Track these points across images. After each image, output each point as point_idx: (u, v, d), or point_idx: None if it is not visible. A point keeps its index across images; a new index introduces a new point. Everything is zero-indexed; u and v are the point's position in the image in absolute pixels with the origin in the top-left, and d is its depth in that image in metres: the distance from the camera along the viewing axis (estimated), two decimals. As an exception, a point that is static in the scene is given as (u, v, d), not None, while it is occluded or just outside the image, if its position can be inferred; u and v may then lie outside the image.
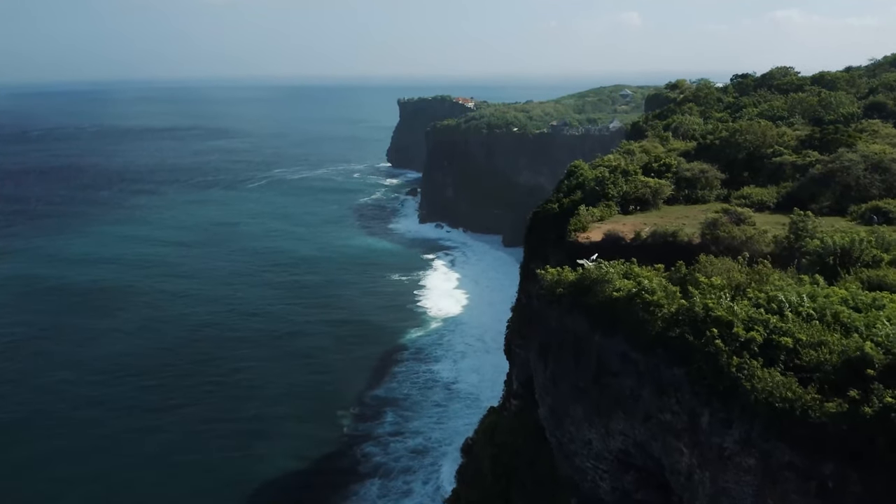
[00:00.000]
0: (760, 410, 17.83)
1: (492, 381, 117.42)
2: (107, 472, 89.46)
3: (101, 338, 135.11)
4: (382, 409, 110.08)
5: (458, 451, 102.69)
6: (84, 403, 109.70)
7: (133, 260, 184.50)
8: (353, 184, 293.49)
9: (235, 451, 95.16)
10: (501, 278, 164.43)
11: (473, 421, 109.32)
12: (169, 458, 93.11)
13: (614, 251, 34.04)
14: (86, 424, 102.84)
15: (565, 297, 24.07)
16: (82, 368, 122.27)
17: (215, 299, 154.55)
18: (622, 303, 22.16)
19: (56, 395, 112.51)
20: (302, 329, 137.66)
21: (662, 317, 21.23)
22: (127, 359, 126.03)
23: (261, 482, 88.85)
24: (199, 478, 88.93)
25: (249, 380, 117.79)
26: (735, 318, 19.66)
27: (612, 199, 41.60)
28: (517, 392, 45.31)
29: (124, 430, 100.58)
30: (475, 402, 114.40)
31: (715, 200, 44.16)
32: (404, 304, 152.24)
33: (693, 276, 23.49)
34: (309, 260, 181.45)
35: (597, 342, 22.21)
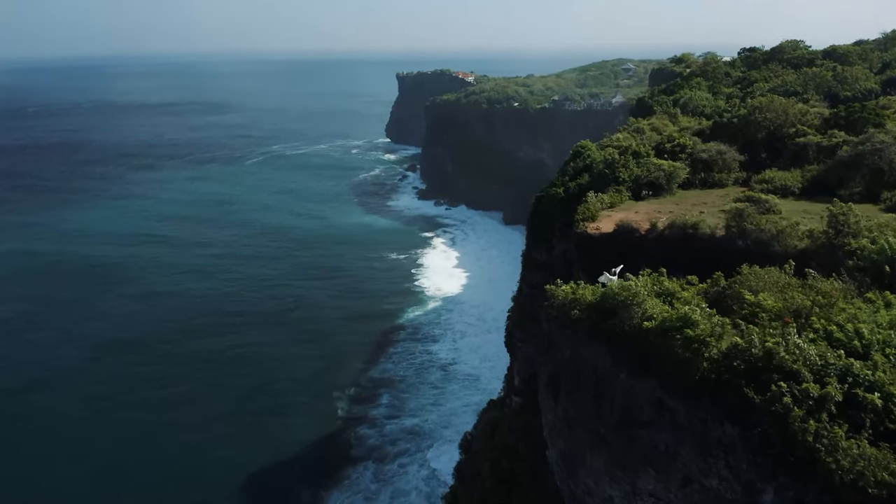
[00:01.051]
0: (847, 498, 13.85)
1: (492, 363, 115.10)
2: (98, 452, 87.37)
3: (98, 314, 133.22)
4: (378, 390, 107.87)
5: (455, 433, 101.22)
6: (79, 380, 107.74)
7: (130, 236, 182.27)
8: (352, 159, 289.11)
9: (228, 433, 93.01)
10: (502, 256, 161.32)
11: (472, 402, 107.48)
12: (160, 438, 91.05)
13: (628, 244, 30.72)
14: (80, 402, 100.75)
15: (582, 322, 19.38)
16: (77, 345, 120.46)
17: (211, 276, 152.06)
18: (656, 335, 17.69)
19: (51, 370, 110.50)
20: (298, 308, 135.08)
21: (710, 357, 16.98)
22: (123, 335, 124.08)
23: (254, 466, 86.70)
24: (188, 461, 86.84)
25: (244, 359, 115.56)
26: (806, 367, 15.33)
27: (623, 183, 38.13)
28: (518, 388, 42.27)
29: (117, 409, 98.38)
30: (474, 384, 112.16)
31: (733, 185, 40.72)
32: (402, 282, 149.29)
33: (736, 291, 19.98)
34: (306, 238, 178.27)
35: (623, 382, 18.02)
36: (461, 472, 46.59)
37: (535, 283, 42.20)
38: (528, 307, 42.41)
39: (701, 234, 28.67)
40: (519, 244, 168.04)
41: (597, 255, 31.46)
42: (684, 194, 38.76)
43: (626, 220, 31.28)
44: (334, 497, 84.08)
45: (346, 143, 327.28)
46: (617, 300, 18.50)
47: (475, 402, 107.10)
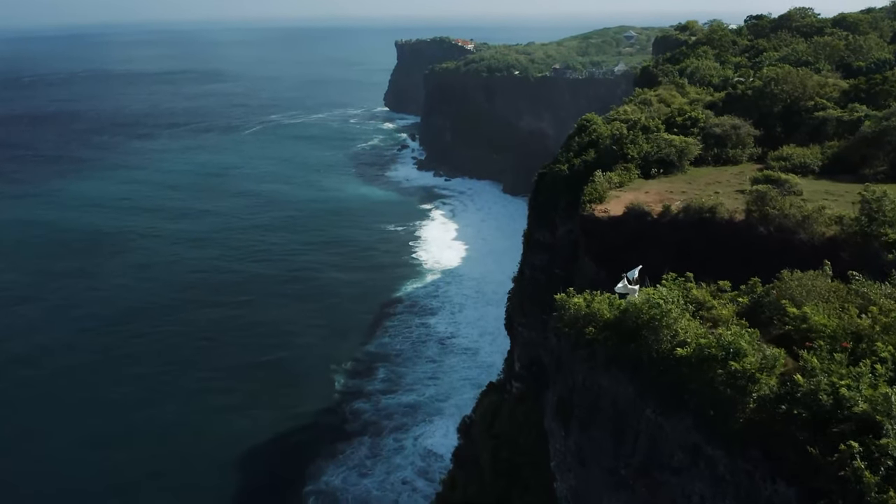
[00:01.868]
0: None
1: (492, 336, 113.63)
2: (91, 425, 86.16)
3: (95, 284, 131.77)
4: (375, 364, 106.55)
5: (454, 408, 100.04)
6: (75, 351, 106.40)
7: (127, 206, 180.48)
8: (350, 129, 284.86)
9: (223, 406, 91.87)
10: (502, 228, 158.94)
11: (470, 376, 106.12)
12: (155, 411, 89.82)
13: (639, 229, 28.41)
14: (76, 373, 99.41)
15: (599, 344, 16.16)
16: (74, 314, 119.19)
17: (208, 247, 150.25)
18: (692, 366, 14.43)
19: (47, 341, 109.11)
20: (294, 281, 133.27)
21: (761, 398, 13.77)
22: (120, 305, 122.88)
23: (249, 440, 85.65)
24: (185, 438, 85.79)
25: (240, 333, 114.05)
26: (889, 418, 12.06)
27: (632, 160, 35.66)
28: (519, 374, 40.31)
29: (113, 380, 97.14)
30: (472, 357, 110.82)
31: (748, 161, 38.27)
32: (400, 255, 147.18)
33: (775, 301, 17.04)
34: (303, 210, 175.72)
35: (649, 419, 15.02)
36: (459, 457, 44.89)
37: (536, 265, 40.01)
38: (529, 290, 40.24)
39: (719, 219, 26.36)
40: (519, 215, 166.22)
41: (605, 239, 29.21)
42: (696, 172, 36.33)
43: (636, 203, 28.92)
44: (330, 471, 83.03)
45: (344, 112, 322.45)
46: (641, 319, 15.52)
47: (473, 376, 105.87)
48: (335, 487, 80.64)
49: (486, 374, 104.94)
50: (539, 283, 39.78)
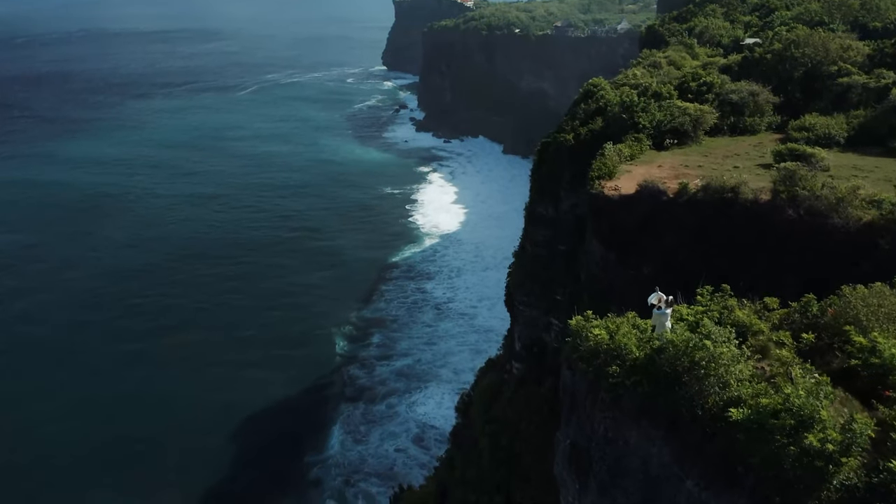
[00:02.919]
0: None
1: (490, 301, 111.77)
2: (89, 397, 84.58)
3: (91, 246, 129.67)
4: (370, 330, 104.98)
5: (452, 373, 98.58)
6: (74, 312, 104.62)
7: (124, 167, 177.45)
8: (348, 88, 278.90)
9: (222, 375, 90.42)
10: (502, 190, 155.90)
11: (468, 341, 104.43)
12: (154, 380, 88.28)
13: (652, 209, 25.78)
14: (75, 334, 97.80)
15: (627, 390, 12.62)
16: (70, 278, 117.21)
17: (204, 209, 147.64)
18: (750, 433, 10.91)
19: (48, 301, 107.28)
20: (289, 246, 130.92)
21: (846, 487, 10.48)
22: (116, 267, 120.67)
23: (249, 409, 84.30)
24: (184, 403, 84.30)
25: (237, 297, 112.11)
26: None
27: (643, 130, 32.81)
28: (519, 354, 38.09)
29: (110, 346, 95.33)
30: (470, 322, 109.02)
31: (766, 130, 35.44)
32: (398, 218, 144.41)
33: (833, 324, 14.10)
34: (299, 173, 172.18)
35: (691, 493, 11.68)
36: (458, 436, 43.02)
37: (539, 240, 37.47)
38: (530, 267, 37.77)
39: (742, 200, 23.71)
40: (519, 177, 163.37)
41: (615, 220, 26.63)
42: (712, 143, 33.53)
43: (649, 180, 26.23)
44: (329, 437, 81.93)
45: (342, 71, 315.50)
46: (682, 364, 12.05)
47: (471, 341, 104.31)
48: (334, 454, 79.60)
49: (485, 339, 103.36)
50: (541, 260, 37.36)
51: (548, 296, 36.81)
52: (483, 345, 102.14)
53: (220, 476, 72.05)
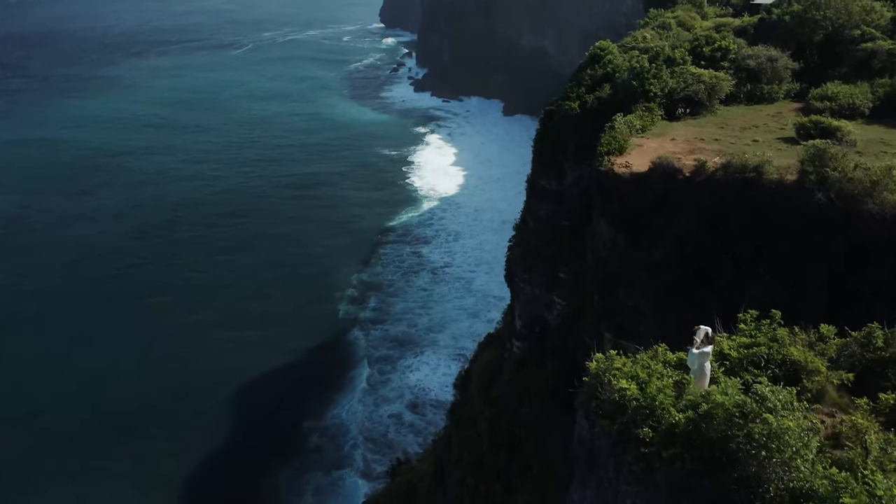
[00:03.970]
0: None
1: (489, 265, 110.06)
2: (83, 363, 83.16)
3: (87, 207, 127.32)
4: (367, 293, 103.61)
5: (450, 338, 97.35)
6: (68, 280, 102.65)
7: (120, 126, 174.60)
8: (344, 47, 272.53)
9: (219, 340, 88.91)
10: (502, 152, 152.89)
11: (465, 305, 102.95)
12: (148, 347, 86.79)
13: (667, 189, 23.60)
14: (68, 305, 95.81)
15: (663, 464, 9.88)
16: (63, 242, 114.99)
17: (199, 174, 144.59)
18: None
19: (35, 271, 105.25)
20: (286, 208, 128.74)
21: None
22: (112, 229, 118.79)
23: (247, 376, 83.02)
24: (182, 369, 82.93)
25: (235, 258, 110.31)
26: None
27: (654, 98, 30.39)
28: (520, 333, 36.32)
29: (104, 313, 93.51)
30: (467, 286, 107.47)
31: (784, 99, 33.00)
32: (395, 181, 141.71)
33: None
34: (295, 133, 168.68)
35: None
36: (455, 414, 41.57)
37: (541, 215, 35.36)
38: (532, 243, 35.75)
39: (765, 181, 21.53)
40: (520, 138, 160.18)
41: (625, 200, 24.48)
42: (728, 112, 31.14)
43: (664, 157, 23.98)
44: (327, 404, 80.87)
45: (338, 28, 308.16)
46: (735, 437, 9.31)
47: (469, 305, 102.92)
48: (333, 421, 78.71)
49: (483, 302, 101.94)
50: (544, 235, 35.30)
51: (550, 273, 34.87)
52: (481, 309, 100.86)
53: (217, 444, 71.14)
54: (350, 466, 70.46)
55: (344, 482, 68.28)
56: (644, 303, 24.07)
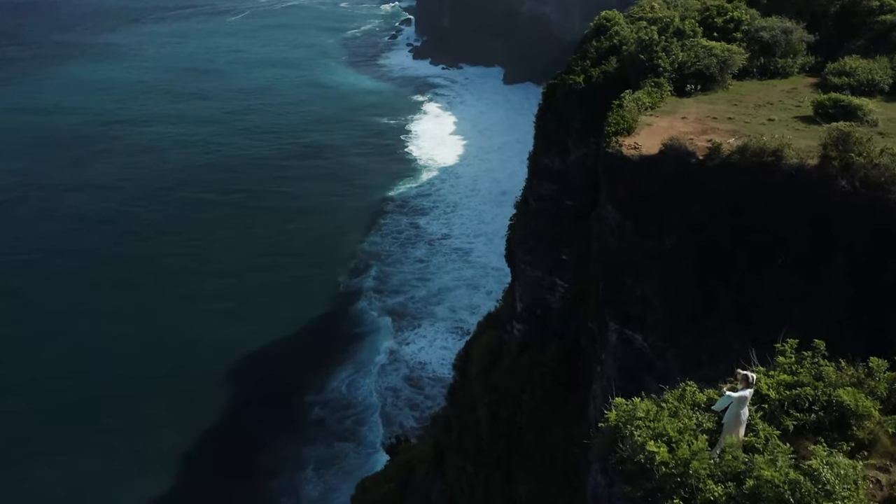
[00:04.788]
0: None
1: (487, 237, 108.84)
2: (79, 335, 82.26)
3: (82, 177, 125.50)
4: (369, 264, 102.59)
5: (448, 311, 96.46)
6: (59, 253, 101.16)
7: (114, 94, 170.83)
8: (341, 13, 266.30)
9: (217, 312, 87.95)
10: (502, 121, 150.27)
11: (463, 277, 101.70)
12: (145, 320, 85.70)
13: (679, 174, 22.09)
14: (64, 277, 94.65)
15: None
16: (60, 210, 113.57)
17: (195, 142, 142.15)
18: None
19: (31, 243, 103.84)
20: (284, 177, 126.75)
21: None
22: (107, 200, 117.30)
23: (245, 349, 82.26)
24: (180, 341, 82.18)
25: (233, 229, 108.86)
26: None
27: (664, 73, 28.66)
28: (521, 315, 35.12)
29: (100, 286, 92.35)
30: (465, 257, 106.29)
31: (799, 73, 31.26)
32: (393, 150, 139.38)
33: None
34: (292, 101, 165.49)
35: None
36: (454, 395, 40.60)
37: (544, 195, 33.87)
38: (534, 223, 34.33)
39: (785, 167, 20.02)
40: (520, 106, 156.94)
41: (634, 184, 23.01)
42: (741, 88, 29.43)
43: (675, 139, 22.42)
44: (326, 377, 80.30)
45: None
46: None
47: (467, 276, 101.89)
48: (334, 394, 78.14)
49: (481, 274, 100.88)
50: (546, 216, 33.87)
51: (553, 255, 33.54)
52: (480, 280, 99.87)
53: (216, 417, 70.68)
54: (351, 440, 70.10)
55: (345, 456, 67.95)
56: (652, 293, 22.75)
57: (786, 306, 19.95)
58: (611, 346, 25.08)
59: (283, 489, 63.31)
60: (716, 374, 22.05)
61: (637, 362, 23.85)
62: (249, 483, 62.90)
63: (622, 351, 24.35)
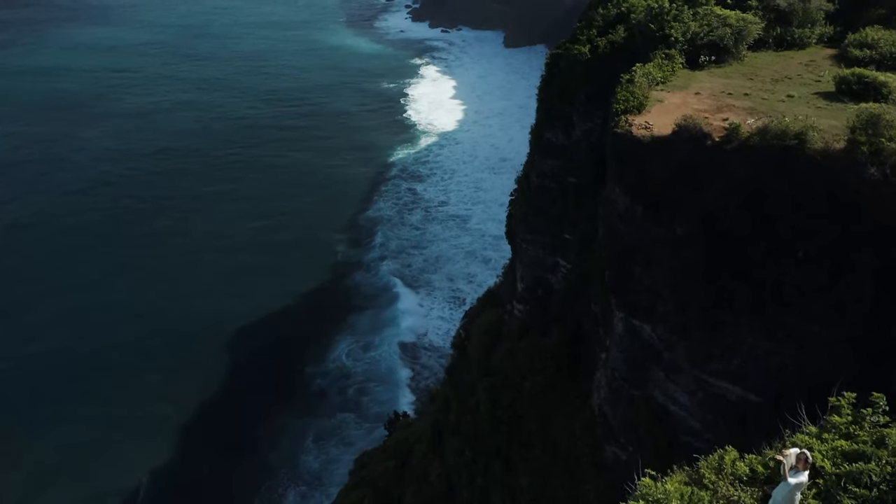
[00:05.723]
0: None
1: (485, 204, 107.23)
2: (74, 305, 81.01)
3: (75, 143, 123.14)
4: (371, 231, 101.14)
5: (445, 278, 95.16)
6: (55, 220, 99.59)
7: (108, 58, 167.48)
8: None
9: (215, 281, 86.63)
10: (502, 86, 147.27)
11: (460, 245, 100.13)
12: (141, 291, 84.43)
13: (694, 157, 20.48)
14: (59, 241, 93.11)
15: None
16: (54, 177, 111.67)
17: (191, 108, 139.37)
18: None
19: (26, 210, 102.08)
20: (280, 142, 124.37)
21: None
22: (101, 167, 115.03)
23: (245, 319, 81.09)
24: (176, 312, 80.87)
25: (229, 198, 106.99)
26: None
27: (675, 44, 26.80)
28: (522, 296, 33.81)
29: (95, 256, 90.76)
30: (463, 225, 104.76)
31: (817, 44, 29.43)
32: (392, 115, 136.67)
33: None
34: (289, 65, 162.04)
35: None
36: (453, 374, 39.55)
37: (546, 171, 32.24)
38: (536, 201, 32.79)
39: (809, 152, 18.42)
40: (520, 70, 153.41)
41: (645, 167, 21.41)
42: (756, 60, 27.60)
43: (690, 118, 20.73)
44: (338, 345, 79.28)
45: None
46: None
47: (465, 244, 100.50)
48: (335, 364, 77.15)
49: (479, 241, 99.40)
50: (549, 193, 32.31)
51: (555, 234, 32.07)
52: (477, 248, 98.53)
53: (215, 389, 69.82)
54: (353, 411, 69.39)
55: (347, 427, 67.33)
56: (662, 283, 21.35)
57: (805, 302, 18.61)
58: (617, 335, 23.81)
59: (283, 460, 62.79)
60: (728, 368, 20.93)
61: (644, 353, 22.60)
62: (248, 454, 62.36)
63: (629, 341, 23.09)
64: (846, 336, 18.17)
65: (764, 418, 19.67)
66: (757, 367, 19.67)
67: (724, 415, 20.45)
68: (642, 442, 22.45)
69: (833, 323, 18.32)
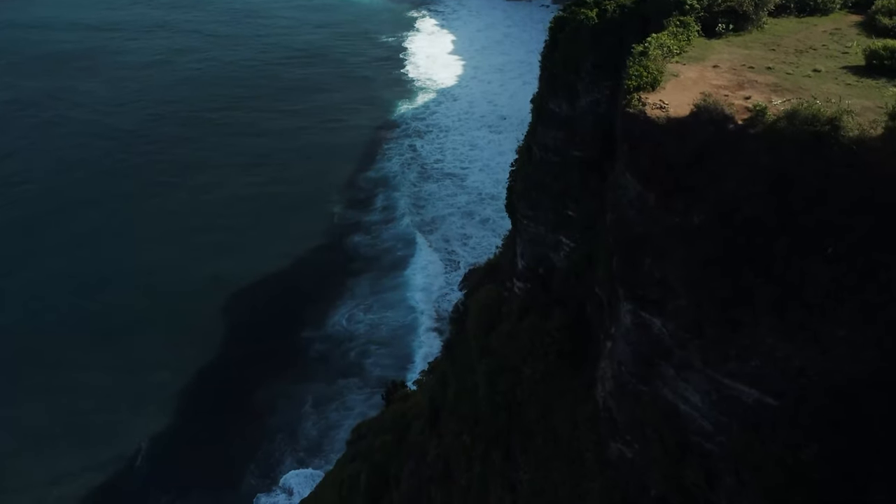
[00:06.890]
0: None
1: (482, 163, 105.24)
2: (69, 266, 79.75)
3: (70, 102, 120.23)
4: (371, 192, 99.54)
5: (441, 240, 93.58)
6: (55, 176, 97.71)
7: (98, 18, 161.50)
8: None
9: (211, 244, 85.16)
10: (501, 41, 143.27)
11: (457, 204, 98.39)
12: (136, 253, 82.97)
13: (713, 141, 18.59)
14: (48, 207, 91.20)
15: None
16: (48, 137, 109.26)
17: (185, 63, 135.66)
18: None
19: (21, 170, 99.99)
20: (276, 98, 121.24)
21: None
22: (95, 127, 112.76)
23: (242, 282, 79.90)
24: (171, 274, 79.74)
25: (226, 156, 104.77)
26: None
27: (690, 11, 24.57)
28: (522, 273, 32.25)
29: (89, 217, 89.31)
30: (460, 183, 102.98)
31: (841, 10, 27.12)
32: (391, 71, 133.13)
33: None
34: (285, 18, 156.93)
35: None
36: (451, 350, 38.31)
37: (549, 144, 30.24)
38: (538, 175, 30.90)
39: (843, 139, 16.55)
40: (521, 23, 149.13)
41: (660, 152, 19.50)
42: (777, 28, 25.38)
43: (709, 97, 18.76)
44: (338, 309, 78.34)
45: None
46: None
47: (461, 203, 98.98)
48: (335, 329, 76.28)
49: (476, 202, 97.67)
50: (551, 167, 30.39)
51: (558, 210, 30.26)
52: (474, 208, 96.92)
53: (212, 355, 69.09)
54: (355, 375, 68.80)
55: (348, 391, 66.81)
56: (675, 277, 19.68)
57: (832, 303, 17.01)
58: (623, 327, 22.26)
59: (281, 426, 62.31)
60: (745, 370, 19.50)
61: (653, 348, 21.09)
62: (245, 420, 61.94)
63: (637, 335, 21.55)
64: (875, 340, 16.66)
65: (780, 422, 18.37)
66: (776, 369, 18.20)
67: (738, 417, 19.08)
68: (649, 440, 21.18)
69: (862, 327, 16.75)
